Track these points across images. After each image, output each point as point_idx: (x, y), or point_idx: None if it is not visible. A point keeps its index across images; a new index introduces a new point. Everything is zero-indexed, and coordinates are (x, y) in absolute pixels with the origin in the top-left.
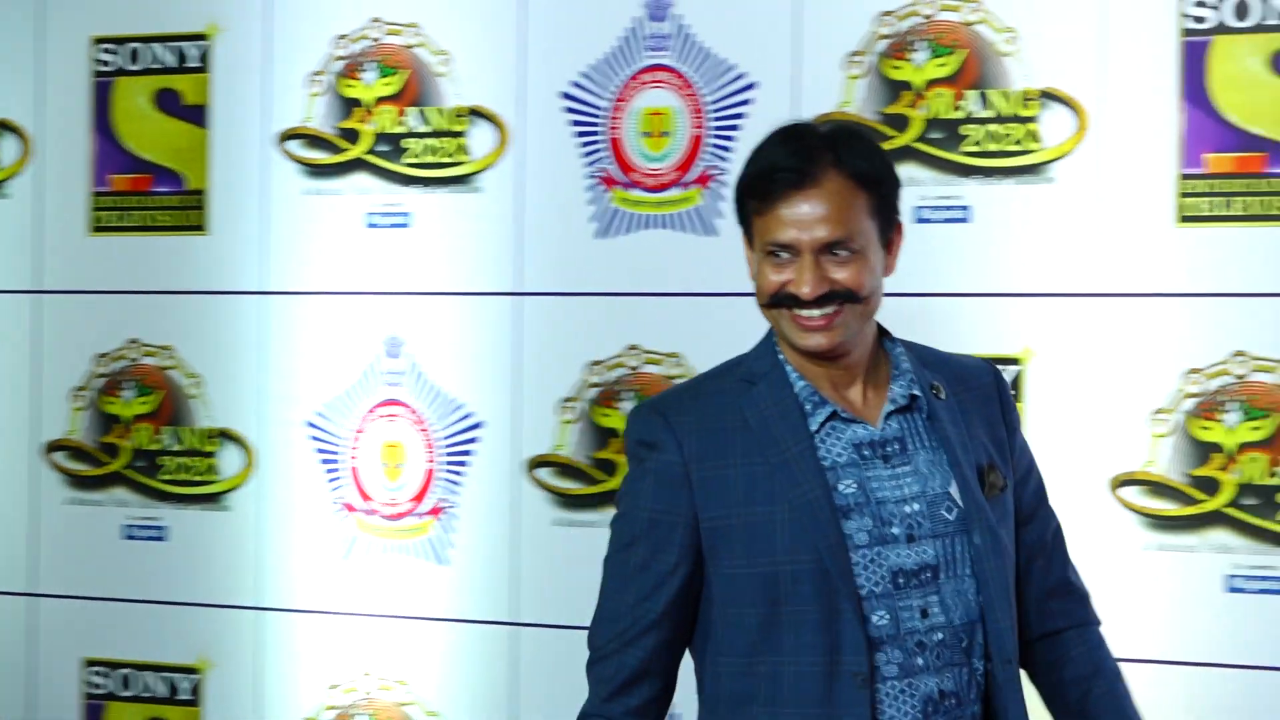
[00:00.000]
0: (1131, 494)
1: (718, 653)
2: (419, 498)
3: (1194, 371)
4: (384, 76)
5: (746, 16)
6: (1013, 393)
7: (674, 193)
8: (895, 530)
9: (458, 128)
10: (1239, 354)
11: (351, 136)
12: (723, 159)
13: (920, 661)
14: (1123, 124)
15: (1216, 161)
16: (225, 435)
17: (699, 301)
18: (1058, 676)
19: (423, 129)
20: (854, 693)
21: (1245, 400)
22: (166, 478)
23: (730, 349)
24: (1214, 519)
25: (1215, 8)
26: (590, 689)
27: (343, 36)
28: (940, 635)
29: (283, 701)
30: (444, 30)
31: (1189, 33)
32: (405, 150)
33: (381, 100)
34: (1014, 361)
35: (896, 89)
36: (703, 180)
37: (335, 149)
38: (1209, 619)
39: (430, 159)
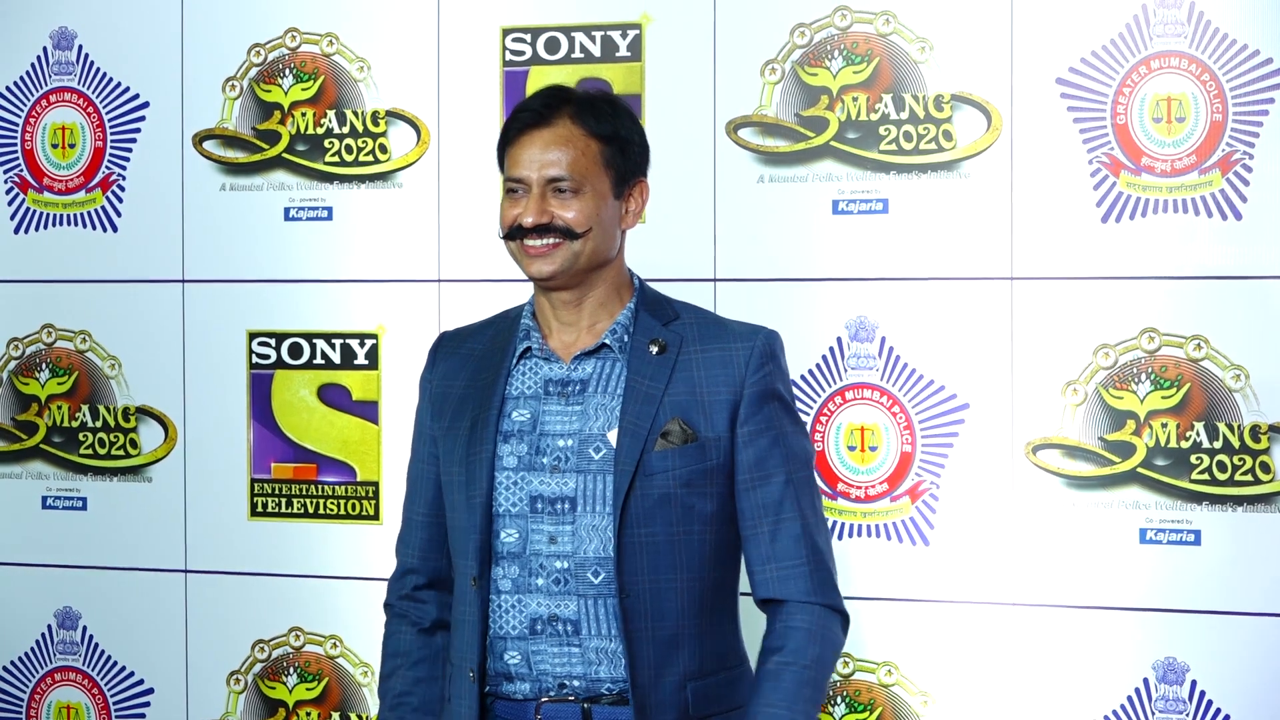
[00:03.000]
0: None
1: None
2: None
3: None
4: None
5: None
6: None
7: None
8: (545, 459)
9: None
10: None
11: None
12: (123, 166)
13: (539, 583)
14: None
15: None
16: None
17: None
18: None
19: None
20: (471, 594)
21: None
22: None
23: None
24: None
25: None
26: None
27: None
28: (565, 564)
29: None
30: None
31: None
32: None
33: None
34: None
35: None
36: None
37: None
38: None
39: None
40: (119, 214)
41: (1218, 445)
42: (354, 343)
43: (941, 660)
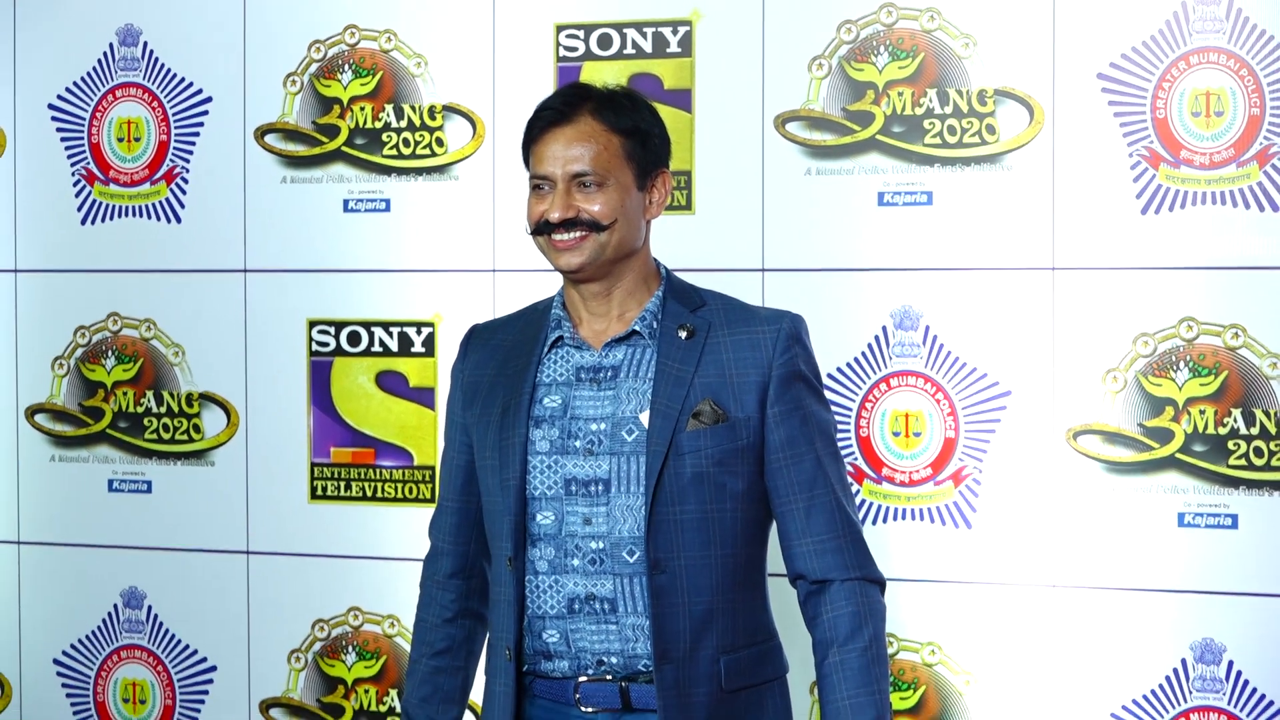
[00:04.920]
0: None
1: None
2: None
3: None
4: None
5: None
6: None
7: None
8: (577, 443)
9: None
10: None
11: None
12: (186, 159)
13: (575, 563)
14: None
15: None
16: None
17: None
18: (812, 635)
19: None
20: (508, 575)
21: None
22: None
23: None
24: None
25: None
26: None
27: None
28: (600, 544)
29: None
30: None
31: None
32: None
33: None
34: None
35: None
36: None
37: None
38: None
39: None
40: (183, 205)
41: (1255, 431)
42: (411, 331)
43: (984, 641)
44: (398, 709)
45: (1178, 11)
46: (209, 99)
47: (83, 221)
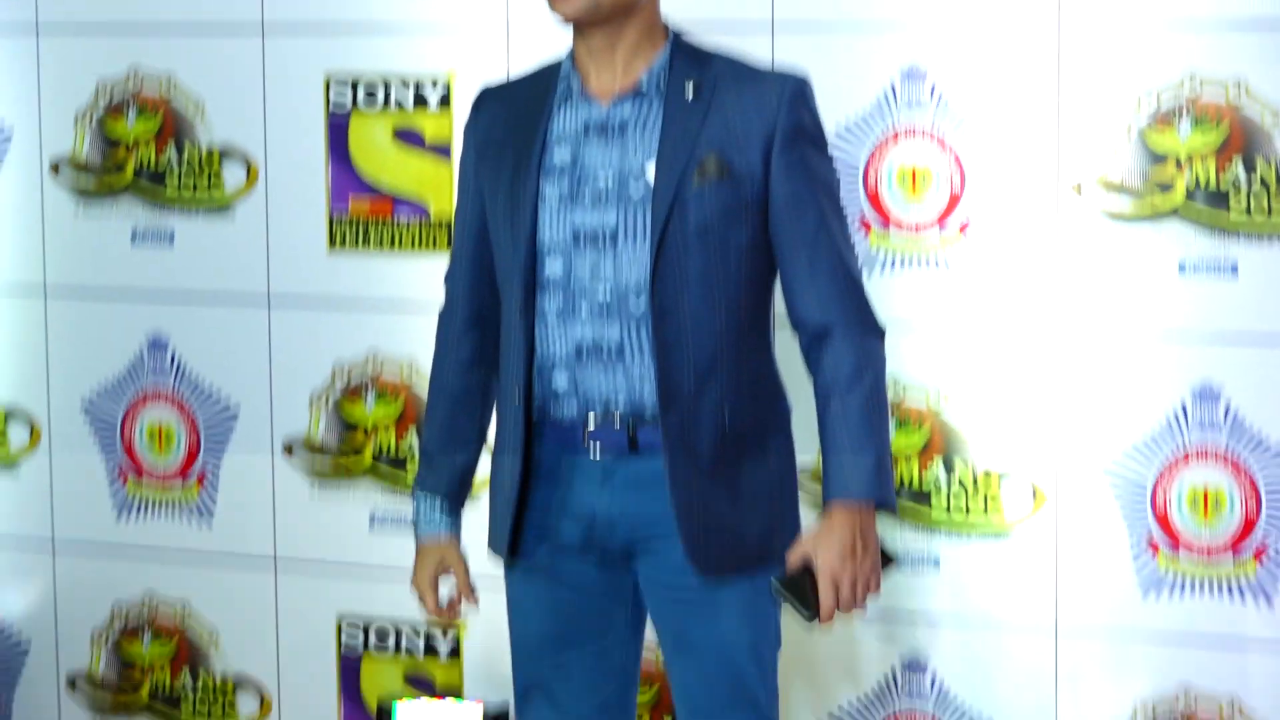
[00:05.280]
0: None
1: None
2: None
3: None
4: None
5: None
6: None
7: None
8: (585, 193)
9: None
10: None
11: None
12: None
13: (583, 311)
14: None
15: None
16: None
17: None
18: (814, 383)
19: None
20: (517, 322)
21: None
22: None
23: None
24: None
25: None
26: None
27: None
28: (606, 293)
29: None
30: None
31: None
32: None
33: None
34: None
35: None
36: None
37: None
38: None
39: None
40: None
41: (1255, 182)
42: (427, 87)
43: (986, 384)
44: (416, 449)
45: None
46: None
47: None
